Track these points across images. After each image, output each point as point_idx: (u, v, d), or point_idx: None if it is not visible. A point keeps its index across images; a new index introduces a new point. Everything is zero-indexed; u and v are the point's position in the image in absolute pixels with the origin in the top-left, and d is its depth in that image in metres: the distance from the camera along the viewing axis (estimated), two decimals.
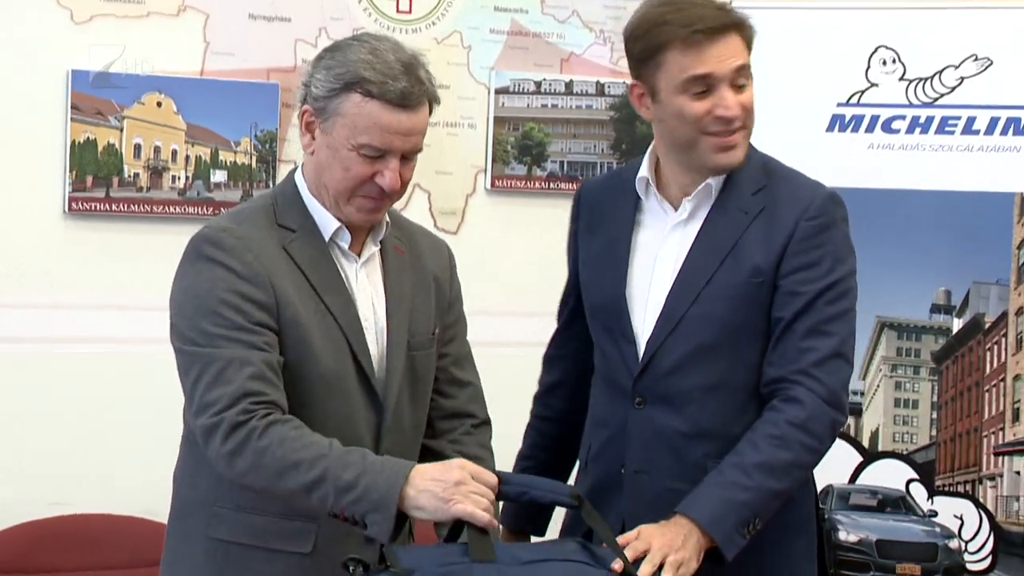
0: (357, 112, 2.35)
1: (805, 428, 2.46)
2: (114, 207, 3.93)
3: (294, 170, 2.51)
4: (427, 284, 2.52)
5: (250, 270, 2.31)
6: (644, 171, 2.65)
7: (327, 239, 2.43)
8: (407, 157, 2.40)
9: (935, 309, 4.02)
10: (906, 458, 4.09)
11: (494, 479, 2.26)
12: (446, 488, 2.17)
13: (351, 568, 2.10)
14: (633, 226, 2.62)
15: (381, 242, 2.49)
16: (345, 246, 2.44)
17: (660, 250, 2.60)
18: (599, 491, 2.61)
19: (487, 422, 2.64)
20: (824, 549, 2.69)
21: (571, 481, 2.70)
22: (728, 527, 2.40)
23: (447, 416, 2.59)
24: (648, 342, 2.56)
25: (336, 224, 2.43)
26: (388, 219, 2.50)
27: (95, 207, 3.91)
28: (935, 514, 4.07)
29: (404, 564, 2.07)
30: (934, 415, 4.05)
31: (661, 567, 2.34)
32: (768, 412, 2.49)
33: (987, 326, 4.01)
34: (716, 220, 2.55)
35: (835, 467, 3.93)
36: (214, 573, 2.39)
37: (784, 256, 2.52)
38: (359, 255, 2.46)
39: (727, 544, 2.40)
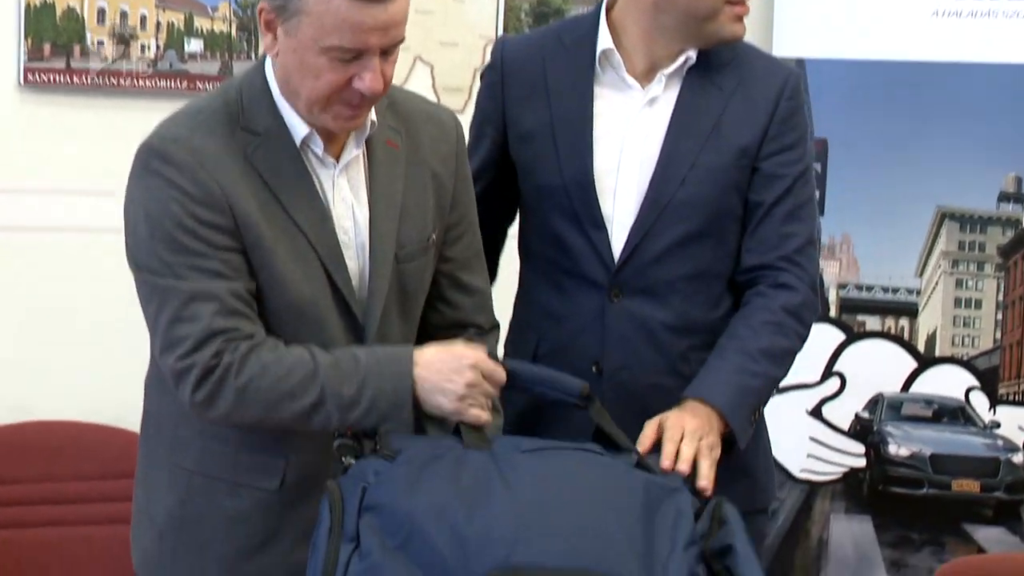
0: (323, 10, 2.10)
1: (798, 315, 2.47)
2: (75, 80, 3.63)
3: (264, 58, 2.28)
4: (423, 183, 2.34)
5: (203, 191, 2.15)
6: (607, 42, 2.54)
7: (298, 144, 2.25)
8: (387, 52, 2.18)
9: (1003, 198, 3.90)
10: (966, 364, 3.98)
11: (503, 376, 2.19)
12: (458, 386, 2.12)
13: (343, 457, 2.05)
14: (592, 101, 2.52)
15: (368, 139, 2.30)
16: (319, 151, 2.26)
17: (628, 129, 2.52)
18: None
19: (495, 327, 2.50)
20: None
21: None
22: (743, 415, 2.38)
23: (449, 326, 2.43)
24: (632, 230, 2.49)
25: (307, 130, 2.24)
26: (374, 115, 2.30)
27: (53, 79, 3.62)
28: (997, 425, 3.96)
29: (394, 447, 2.02)
30: (999, 316, 3.96)
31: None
32: (757, 298, 2.49)
33: None
34: (692, 97, 2.50)
35: (886, 374, 3.95)
36: (177, 503, 2.29)
37: (766, 137, 2.51)
38: (338, 159, 2.27)
39: (741, 432, 2.37)
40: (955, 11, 3.82)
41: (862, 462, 3.99)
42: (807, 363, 2.64)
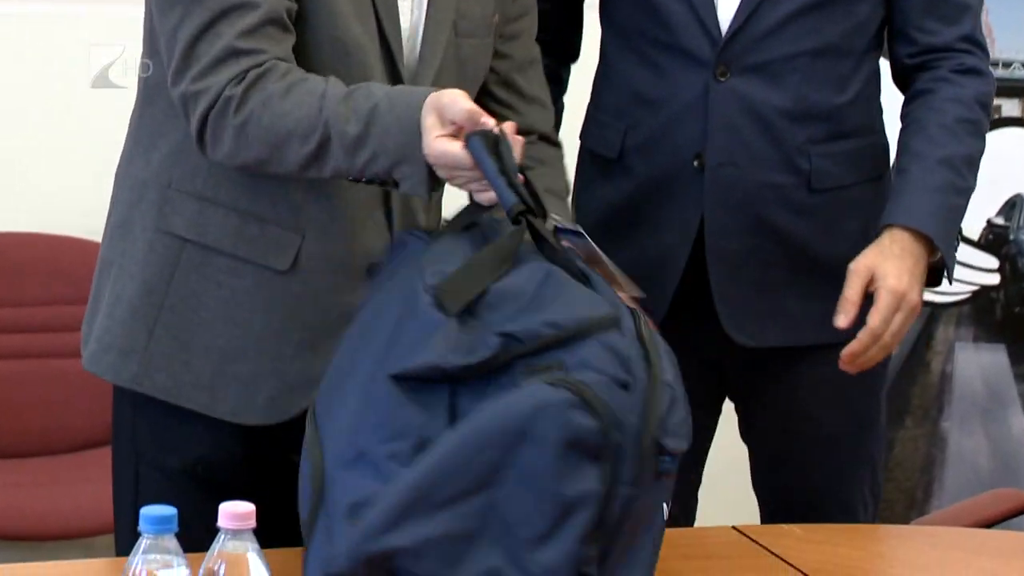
0: None
1: (988, 108, 2.33)
2: None
3: None
4: None
5: None
6: None
7: None
8: None
9: None
10: None
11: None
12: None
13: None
14: None
15: None
16: None
17: None
18: (654, 190, 2.37)
19: (559, 145, 2.34)
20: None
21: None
22: (952, 241, 2.28)
23: None
24: None
25: None
26: None
27: None
28: None
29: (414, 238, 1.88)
30: None
31: None
32: (945, 87, 2.32)
33: None
34: None
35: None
36: (161, 274, 2.08)
37: None
38: None
39: (951, 261, 2.27)
40: None
41: (995, 279, 3.82)
42: None
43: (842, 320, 2.12)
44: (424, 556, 1.55)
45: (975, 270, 3.78)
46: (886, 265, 2.16)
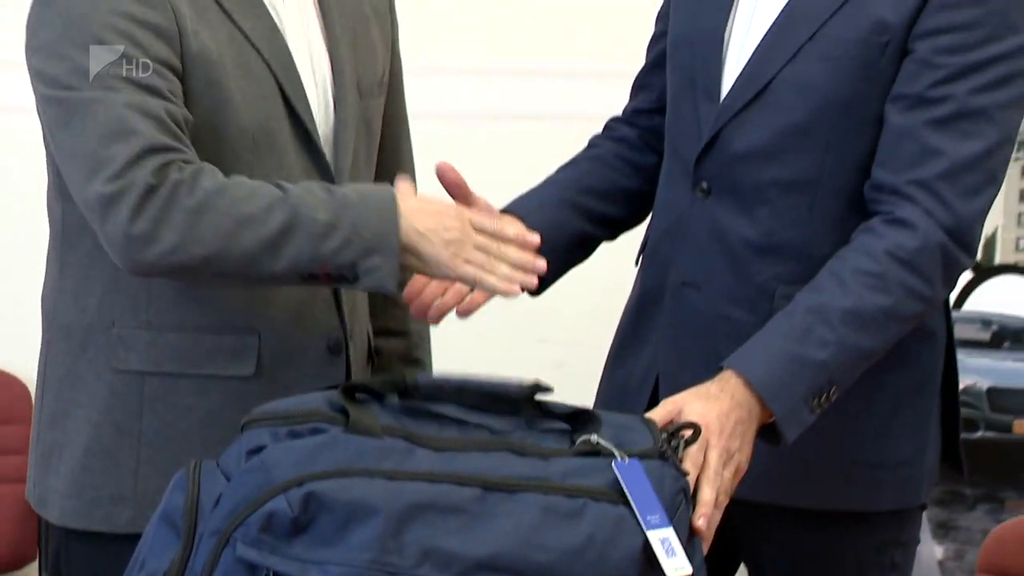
0: None
1: (912, 265, 2.07)
2: None
3: None
4: (364, 15, 2.26)
5: None
6: None
7: None
8: None
9: None
10: None
11: (521, 235, 2.01)
12: (451, 232, 1.98)
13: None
14: None
15: None
16: None
17: None
18: (642, 306, 2.31)
19: None
20: (957, 430, 2.27)
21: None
22: (793, 397, 2.01)
23: None
24: (722, 107, 2.22)
25: None
26: None
27: None
28: None
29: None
30: None
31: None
32: (864, 235, 2.12)
33: None
34: None
35: None
36: (126, 413, 2.08)
37: (924, 8, 2.14)
38: None
39: (789, 421, 2.00)
40: None
41: None
42: None
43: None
44: None
45: None
46: (695, 404, 1.93)
